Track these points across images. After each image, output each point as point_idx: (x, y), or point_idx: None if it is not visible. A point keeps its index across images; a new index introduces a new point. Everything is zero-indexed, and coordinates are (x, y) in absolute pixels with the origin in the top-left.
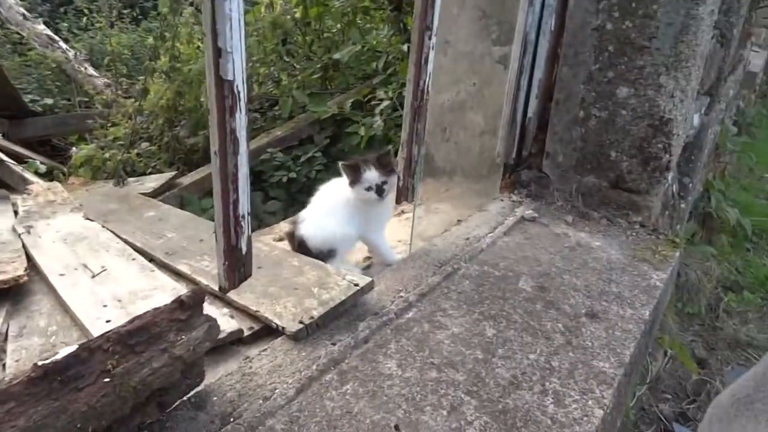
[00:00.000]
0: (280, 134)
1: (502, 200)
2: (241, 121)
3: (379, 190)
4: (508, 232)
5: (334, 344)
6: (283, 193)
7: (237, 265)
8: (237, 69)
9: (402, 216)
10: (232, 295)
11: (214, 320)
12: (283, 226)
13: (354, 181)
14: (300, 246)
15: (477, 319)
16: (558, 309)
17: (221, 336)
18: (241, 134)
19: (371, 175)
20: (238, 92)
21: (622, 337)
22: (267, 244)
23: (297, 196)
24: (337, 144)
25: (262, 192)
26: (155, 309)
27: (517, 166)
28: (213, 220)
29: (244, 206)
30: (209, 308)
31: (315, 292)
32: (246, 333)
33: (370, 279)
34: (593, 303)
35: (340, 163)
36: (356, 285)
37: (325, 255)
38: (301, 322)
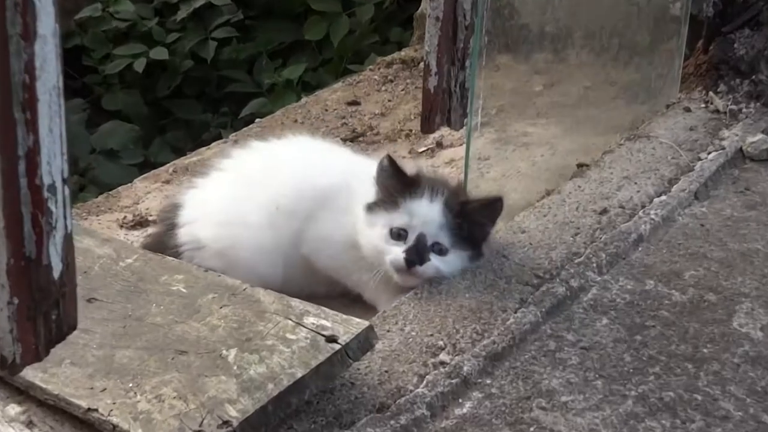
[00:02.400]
0: None
1: (687, 109)
2: None
3: (417, 254)
4: (705, 192)
5: None
6: (138, 103)
7: (39, 307)
8: None
9: (437, 156)
10: (31, 373)
11: None
12: (141, 189)
13: (389, 202)
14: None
15: (632, 415)
16: None
17: None
18: None
19: (419, 209)
20: None
21: None
22: (106, 240)
23: (171, 108)
24: None
25: (84, 101)
26: None
27: (721, 24)
28: None
29: (54, 163)
30: None
31: (231, 360)
32: None
33: (366, 324)
34: None
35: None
36: (331, 339)
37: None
38: None
